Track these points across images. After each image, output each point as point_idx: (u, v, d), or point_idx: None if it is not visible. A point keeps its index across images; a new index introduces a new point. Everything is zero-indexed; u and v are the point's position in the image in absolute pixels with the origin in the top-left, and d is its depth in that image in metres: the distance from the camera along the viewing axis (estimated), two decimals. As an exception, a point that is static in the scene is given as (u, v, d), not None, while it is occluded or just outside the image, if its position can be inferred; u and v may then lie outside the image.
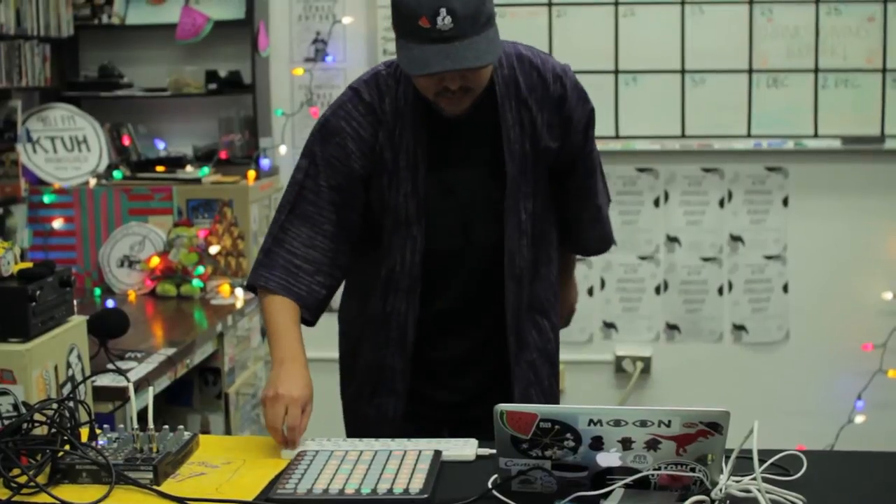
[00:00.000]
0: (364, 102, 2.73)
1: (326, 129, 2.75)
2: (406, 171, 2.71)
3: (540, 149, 2.75)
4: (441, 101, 2.62)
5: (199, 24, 5.08)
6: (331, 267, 2.73)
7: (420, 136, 2.71)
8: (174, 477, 2.27)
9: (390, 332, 2.81)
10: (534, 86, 2.75)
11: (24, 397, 2.44)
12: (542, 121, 2.74)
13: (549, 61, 2.82)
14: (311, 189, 2.73)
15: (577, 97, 2.82)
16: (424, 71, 2.51)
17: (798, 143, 5.19)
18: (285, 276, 2.70)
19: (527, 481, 2.11)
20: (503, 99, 2.72)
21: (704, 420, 2.01)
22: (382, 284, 2.80)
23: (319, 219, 2.72)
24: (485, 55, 2.51)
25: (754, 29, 5.14)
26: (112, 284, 4.83)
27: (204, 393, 4.31)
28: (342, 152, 2.71)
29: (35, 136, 5.00)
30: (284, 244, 2.72)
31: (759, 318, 5.37)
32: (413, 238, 2.74)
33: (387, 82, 2.74)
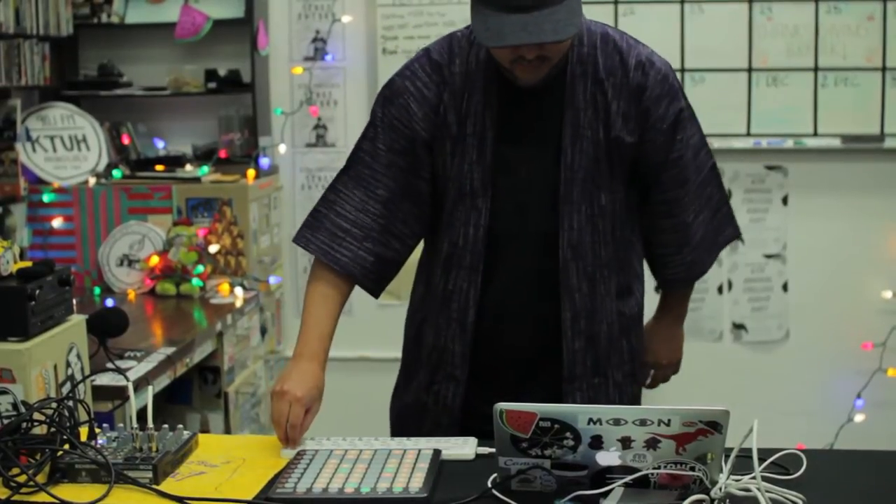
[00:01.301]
0: (432, 62, 2.62)
1: (390, 89, 2.65)
2: (473, 137, 2.58)
3: (612, 137, 2.59)
4: (516, 70, 2.50)
5: (199, 23, 5.08)
6: (383, 234, 2.62)
7: (490, 102, 2.58)
8: (174, 476, 2.27)
9: (451, 313, 2.68)
10: (613, 69, 2.59)
11: (24, 396, 2.44)
12: (616, 108, 2.58)
13: (639, 48, 2.64)
14: (368, 152, 2.63)
15: (662, 91, 2.62)
16: (500, 43, 2.39)
17: (798, 141, 5.19)
18: (328, 239, 2.61)
19: (526, 480, 2.11)
20: (576, 78, 2.57)
21: (704, 419, 2.00)
22: (444, 260, 2.67)
23: (374, 182, 2.61)
24: (564, 28, 2.38)
25: (754, 27, 5.14)
26: (111, 283, 4.83)
27: (203, 392, 4.31)
28: (404, 113, 2.61)
29: (34, 135, 5.00)
30: (335, 206, 2.63)
31: (759, 317, 5.37)
32: (478, 210, 2.61)
33: (460, 43, 2.63)
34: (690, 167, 2.72)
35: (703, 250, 2.81)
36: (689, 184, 2.73)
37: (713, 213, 2.82)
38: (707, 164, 2.80)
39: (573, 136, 2.58)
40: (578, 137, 2.58)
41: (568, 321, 2.64)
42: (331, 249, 2.61)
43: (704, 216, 2.79)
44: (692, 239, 2.77)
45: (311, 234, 2.65)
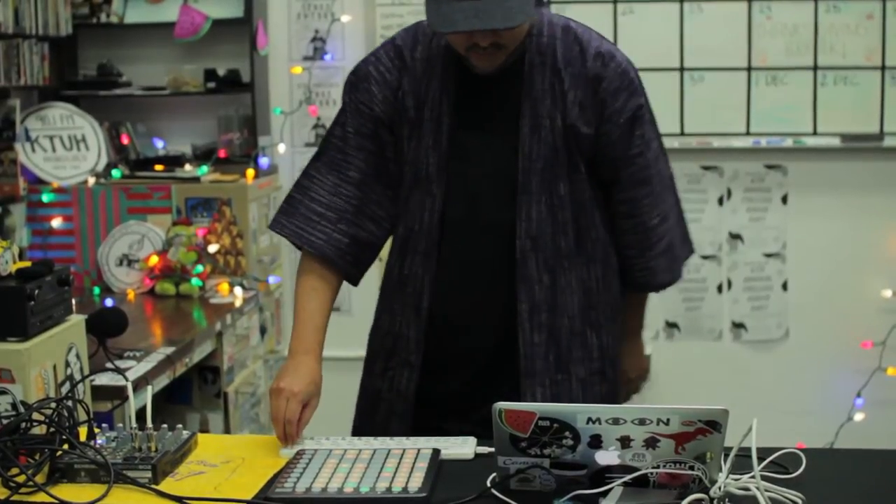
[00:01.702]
0: (395, 47, 2.66)
1: (356, 75, 2.69)
2: (430, 122, 2.61)
3: (568, 125, 2.58)
4: (472, 57, 2.53)
5: (198, 23, 5.08)
6: (357, 215, 2.64)
7: (448, 89, 2.61)
8: (173, 476, 2.27)
9: (406, 297, 2.69)
10: (572, 59, 2.59)
11: (23, 396, 2.44)
12: (573, 97, 2.58)
13: (601, 42, 2.64)
14: (339, 137, 2.67)
15: (621, 84, 2.61)
16: (450, 29, 2.41)
17: (797, 140, 5.19)
18: (303, 223, 2.64)
19: (525, 480, 2.11)
20: (534, 67, 2.58)
21: (703, 418, 2.00)
22: (400, 245, 2.69)
23: (346, 166, 2.64)
24: (515, 15, 2.40)
25: (753, 26, 5.14)
26: (111, 283, 4.83)
27: (203, 392, 4.31)
28: (368, 97, 2.65)
29: (34, 135, 5.00)
30: (309, 191, 2.66)
31: (759, 316, 5.37)
32: (432, 196, 2.63)
33: (424, 31, 2.65)
34: (651, 168, 2.71)
35: (667, 259, 2.79)
36: (651, 185, 2.71)
37: (677, 222, 2.82)
38: (667, 173, 2.78)
39: (532, 125, 2.59)
40: (537, 127, 2.59)
41: (525, 313, 2.63)
42: (305, 233, 2.64)
43: (669, 224, 2.77)
44: (655, 245, 2.76)
45: (285, 219, 2.68)
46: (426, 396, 2.73)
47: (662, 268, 2.79)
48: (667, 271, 2.80)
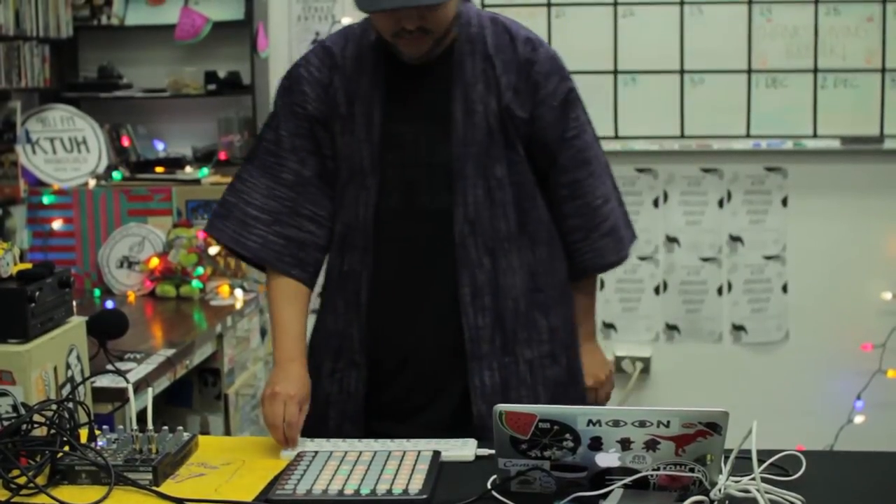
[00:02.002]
0: (325, 48, 2.68)
1: (288, 79, 2.71)
2: (362, 116, 2.62)
3: (503, 107, 2.59)
4: (399, 43, 2.53)
5: (199, 25, 5.08)
6: (292, 216, 2.64)
7: (378, 82, 2.62)
8: (173, 478, 2.27)
9: (347, 295, 2.69)
10: (502, 46, 2.62)
11: (24, 398, 2.44)
12: (506, 82, 2.60)
13: (526, 30, 2.69)
14: (271, 140, 2.67)
15: (552, 68, 2.65)
16: (376, 7, 2.43)
17: (797, 143, 5.19)
18: (238, 227, 2.65)
19: (526, 482, 2.11)
20: (465, 55, 2.60)
21: (703, 420, 2.01)
22: (339, 242, 2.68)
23: (279, 168, 2.64)
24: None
25: (753, 29, 5.15)
26: (111, 285, 4.83)
27: (203, 394, 4.31)
28: (301, 98, 2.65)
29: (34, 137, 5.00)
30: (242, 195, 2.66)
31: (759, 318, 5.37)
32: (367, 189, 2.63)
33: (354, 31, 2.68)
34: (590, 150, 2.72)
35: (613, 239, 2.78)
36: (591, 166, 2.72)
37: (618, 206, 2.81)
38: (603, 159, 2.78)
39: (464, 110, 2.60)
40: (470, 112, 2.60)
41: (468, 296, 2.62)
42: (240, 237, 2.65)
43: (612, 206, 2.77)
44: (600, 225, 2.75)
45: (221, 223, 2.68)
46: (377, 396, 2.70)
47: (609, 248, 2.78)
48: (613, 252, 2.79)
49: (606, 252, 2.78)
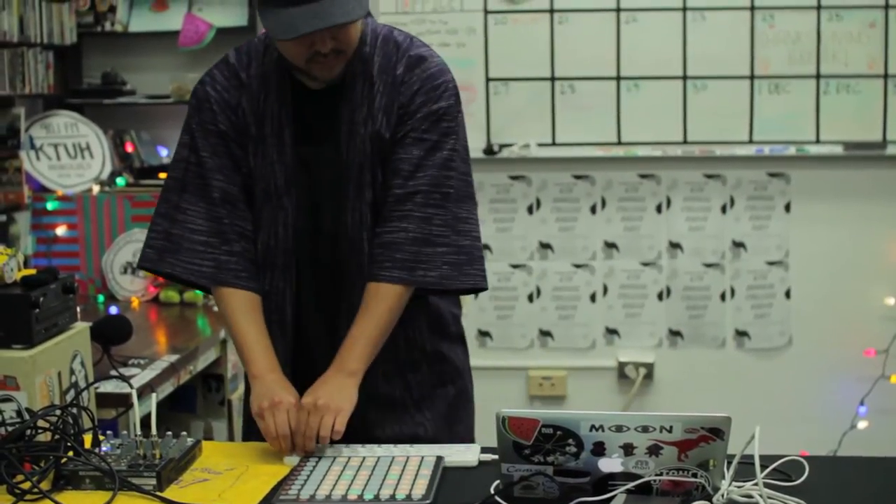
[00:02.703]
0: (229, 66, 2.67)
1: (196, 97, 2.69)
2: (272, 137, 2.61)
3: (374, 132, 2.58)
4: (314, 68, 2.53)
5: (202, 32, 5.09)
6: (235, 234, 2.64)
7: (285, 101, 2.61)
8: (177, 483, 2.28)
9: (271, 314, 2.68)
10: (387, 67, 2.61)
11: (28, 404, 2.45)
12: (379, 103, 2.59)
13: (417, 48, 2.65)
14: (194, 162, 2.65)
15: (421, 87, 2.59)
16: (295, 34, 2.41)
17: (800, 149, 5.19)
18: (191, 257, 2.63)
19: (529, 487, 2.12)
20: (355, 77, 2.59)
21: (706, 425, 2.01)
22: (261, 261, 2.68)
23: (209, 188, 2.63)
24: (353, 10, 2.42)
25: (756, 35, 5.15)
26: (115, 291, 4.84)
27: (207, 399, 4.31)
28: (212, 116, 2.64)
29: (38, 144, 5.01)
30: (187, 224, 2.65)
31: (762, 323, 5.37)
32: (284, 210, 2.63)
33: (257, 48, 2.67)
34: (419, 171, 2.59)
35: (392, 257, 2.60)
36: (401, 179, 2.59)
37: (424, 237, 2.59)
38: (443, 187, 2.61)
39: (348, 133, 2.60)
40: (352, 135, 2.60)
41: (343, 313, 2.63)
42: (196, 266, 2.64)
43: (413, 235, 2.58)
44: (405, 239, 2.58)
45: (173, 257, 2.66)
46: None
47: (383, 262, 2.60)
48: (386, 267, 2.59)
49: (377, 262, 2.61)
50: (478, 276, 2.64)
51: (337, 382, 2.51)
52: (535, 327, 5.38)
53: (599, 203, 5.34)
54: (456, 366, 2.83)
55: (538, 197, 5.30)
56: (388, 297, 2.57)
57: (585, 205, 5.34)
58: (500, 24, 5.18)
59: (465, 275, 2.62)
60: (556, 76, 5.21)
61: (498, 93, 5.14)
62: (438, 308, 2.79)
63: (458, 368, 2.84)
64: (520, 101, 5.16)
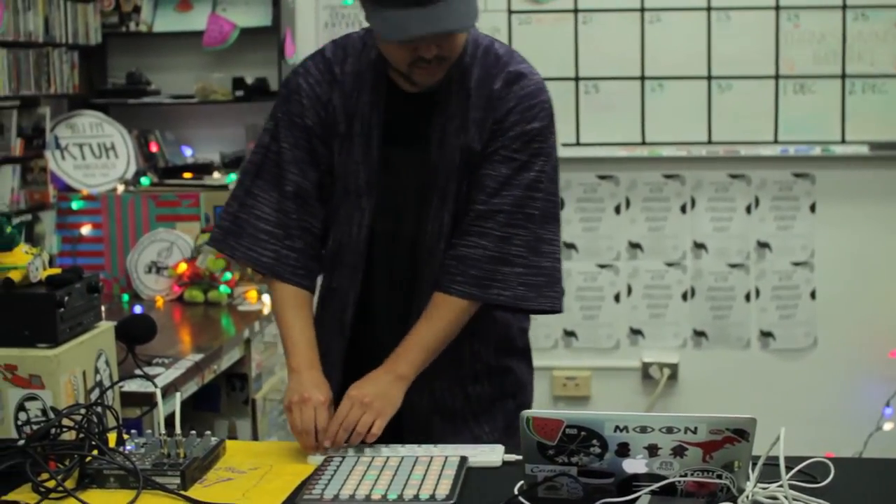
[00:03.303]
0: (325, 59, 2.64)
1: (287, 87, 2.68)
2: (360, 136, 2.60)
3: (464, 145, 2.56)
4: (415, 73, 2.50)
5: (226, 32, 5.10)
6: (300, 230, 2.63)
7: (377, 103, 2.59)
8: (201, 482, 2.28)
9: (333, 312, 2.70)
10: (485, 80, 2.57)
11: (53, 402, 2.46)
12: (473, 117, 2.56)
13: (517, 63, 2.60)
14: (275, 151, 2.64)
15: (517, 105, 2.56)
16: (403, 36, 2.39)
17: (825, 149, 5.17)
18: (252, 244, 2.63)
19: (553, 487, 2.11)
20: (452, 86, 2.57)
21: (731, 427, 2.00)
22: (330, 258, 2.69)
23: (284, 181, 2.62)
24: (465, 17, 2.40)
25: (781, 35, 5.13)
26: (140, 290, 4.85)
27: (231, 398, 4.32)
28: (300, 109, 2.62)
29: (63, 143, 5.03)
30: (254, 210, 2.65)
31: (787, 324, 5.35)
32: (361, 210, 2.62)
33: (354, 44, 2.64)
34: (504, 189, 2.56)
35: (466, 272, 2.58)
36: (506, 202, 2.56)
37: (501, 256, 2.57)
38: (534, 211, 2.60)
39: (439, 141, 2.58)
40: (444, 144, 2.58)
41: (412, 319, 2.61)
42: (255, 253, 2.64)
43: (488, 252, 2.57)
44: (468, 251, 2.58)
45: (234, 240, 2.66)
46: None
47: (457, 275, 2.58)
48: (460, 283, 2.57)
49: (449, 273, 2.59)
50: (555, 298, 2.65)
51: (385, 382, 2.51)
52: (560, 327, 5.38)
53: (624, 203, 5.34)
54: (519, 379, 2.82)
55: (562, 197, 5.29)
56: (453, 309, 2.57)
57: (610, 205, 5.33)
58: (524, 24, 5.17)
59: (542, 296, 2.62)
60: (580, 76, 5.21)
61: (522, 93, 5.13)
62: (508, 322, 2.78)
63: (521, 382, 2.83)
64: (544, 101, 5.15)
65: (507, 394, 2.79)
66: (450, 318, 2.57)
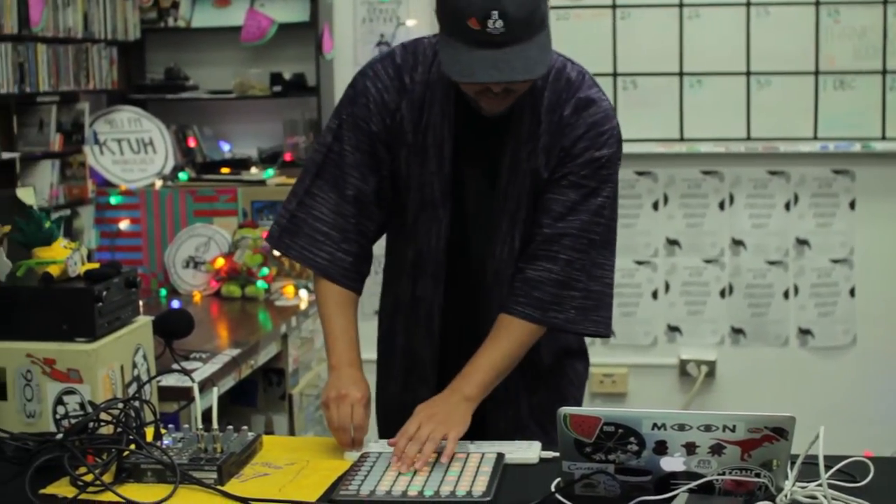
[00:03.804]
0: (395, 65, 2.60)
1: (354, 88, 2.64)
2: (433, 147, 2.57)
3: (533, 169, 2.55)
4: (482, 101, 2.47)
5: (264, 27, 5.11)
6: (357, 233, 2.62)
7: (448, 114, 2.56)
8: (238, 477, 2.28)
9: (419, 319, 2.70)
10: (556, 106, 2.55)
11: (91, 397, 2.47)
12: (543, 143, 2.54)
13: (587, 88, 2.58)
14: (337, 152, 2.62)
15: (585, 132, 2.54)
16: (469, 79, 2.37)
17: (865, 145, 5.14)
18: (308, 244, 2.62)
19: (590, 485, 2.10)
20: (524, 111, 2.54)
21: (770, 425, 1.99)
22: (411, 267, 2.68)
23: (344, 183, 2.60)
24: (535, 66, 2.36)
25: (821, 30, 5.10)
26: (177, 285, 4.87)
27: (268, 393, 4.33)
28: (366, 113, 2.59)
29: (102, 139, 5.06)
30: (312, 210, 2.63)
31: (826, 322, 5.32)
32: (439, 221, 2.61)
33: (425, 52, 2.60)
34: (582, 214, 2.56)
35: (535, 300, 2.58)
36: (573, 224, 2.57)
37: (563, 280, 2.58)
38: (597, 238, 2.59)
39: (511, 166, 2.56)
40: (514, 170, 2.56)
41: (481, 334, 2.62)
42: (310, 254, 2.63)
43: (555, 272, 2.58)
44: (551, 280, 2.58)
45: (290, 238, 2.66)
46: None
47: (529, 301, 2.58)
48: (528, 307, 2.58)
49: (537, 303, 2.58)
50: (602, 322, 2.65)
51: (453, 402, 2.50)
52: (596, 324, 5.36)
53: (662, 199, 5.32)
54: (573, 380, 2.87)
55: (599, 193, 5.27)
56: (519, 331, 2.57)
57: (648, 201, 5.31)
58: (563, 20, 5.16)
59: (590, 320, 2.62)
60: (618, 72, 5.19)
61: (559, 88, 5.11)
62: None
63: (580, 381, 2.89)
64: (581, 96, 5.13)
65: (566, 396, 2.81)
66: (517, 340, 2.57)
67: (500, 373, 2.56)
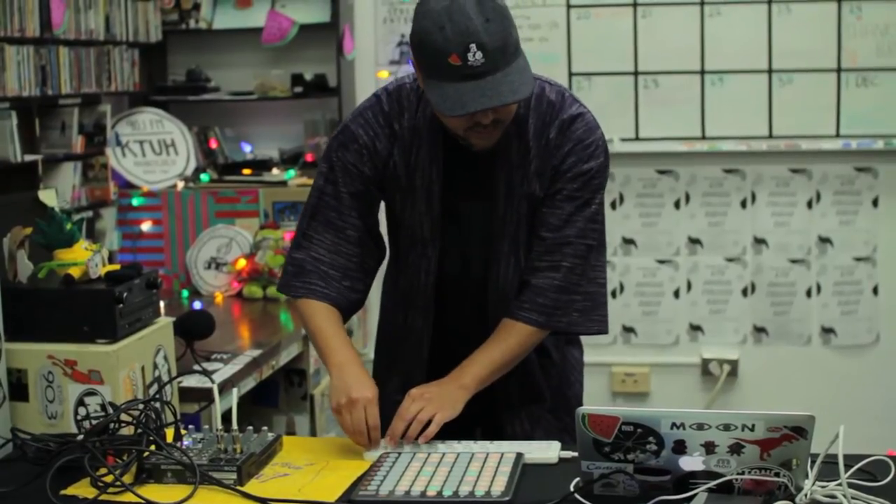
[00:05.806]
0: (384, 113, 2.66)
1: (345, 134, 2.69)
2: (422, 189, 2.64)
3: (528, 193, 2.63)
4: (471, 136, 2.53)
5: (285, 28, 5.12)
6: (358, 271, 2.69)
7: (436, 156, 2.63)
8: (258, 478, 2.29)
9: (410, 347, 2.77)
10: (541, 130, 2.62)
11: (112, 397, 2.48)
12: (534, 167, 2.61)
13: (569, 107, 2.64)
14: (331, 195, 2.68)
15: (573, 148, 2.61)
16: (463, 111, 2.41)
17: (888, 142, 5.11)
18: (319, 280, 2.67)
19: (609, 485, 2.10)
20: (511, 138, 2.60)
21: (789, 424, 1.98)
22: (402, 299, 2.77)
23: (342, 224, 2.67)
24: (520, 88, 2.42)
25: (843, 27, 5.08)
26: (199, 286, 4.88)
27: (289, 394, 4.34)
28: (358, 158, 2.65)
29: (124, 140, 5.07)
30: (310, 251, 2.69)
31: (849, 320, 5.30)
32: (427, 258, 2.69)
33: (409, 97, 2.66)
34: (568, 224, 2.64)
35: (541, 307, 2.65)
36: (550, 228, 2.64)
37: (565, 286, 2.64)
38: (588, 239, 2.65)
39: (507, 193, 2.63)
40: (510, 196, 2.63)
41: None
42: (320, 289, 2.67)
43: (558, 279, 2.64)
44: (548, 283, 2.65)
45: (299, 281, 2.69)
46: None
47: (545, 308, 2.65)
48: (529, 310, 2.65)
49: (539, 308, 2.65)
50: (600, 321, 2.71)
51: (448, 388, 2.56)
52: (619, 323, 5.36)
53: (683, 198, 5.30)
54: (575, 366, 2.93)
55: (621, 192, 5.27)
56: (521, 334, 2.64)
57: (669, 200, 5.30)
58: (583, 19, 5.15)
59: (590, 320, 2.69)
60: (639, 70, 5.18)
61: (581, 88, 5.11)
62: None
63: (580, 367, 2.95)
64: (603, 95, 5.13)
65: (573, 380, 2.90)
66: (517, 341, 2.64)
67: (497, 369, 2.62)
